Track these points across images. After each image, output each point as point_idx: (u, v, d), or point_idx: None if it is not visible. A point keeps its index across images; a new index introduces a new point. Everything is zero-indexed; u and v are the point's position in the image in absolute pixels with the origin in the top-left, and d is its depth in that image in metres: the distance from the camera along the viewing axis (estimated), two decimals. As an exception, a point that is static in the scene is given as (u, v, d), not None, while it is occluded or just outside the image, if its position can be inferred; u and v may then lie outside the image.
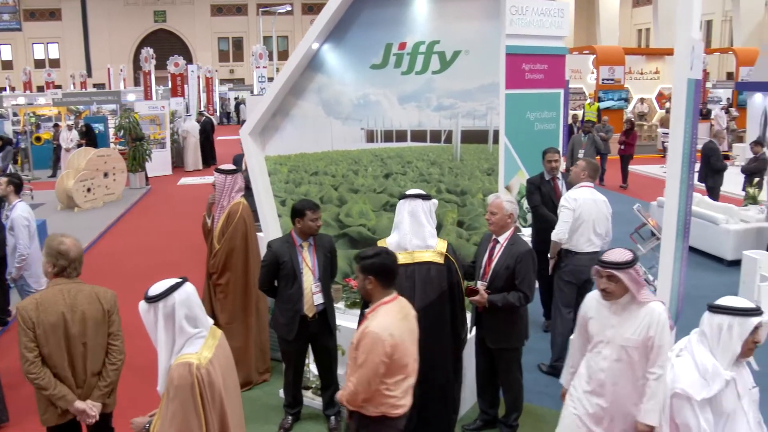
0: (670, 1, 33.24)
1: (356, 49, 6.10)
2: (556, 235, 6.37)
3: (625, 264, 3.65)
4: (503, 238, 4.91)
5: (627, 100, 26.34)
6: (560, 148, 13.79)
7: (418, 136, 6.03)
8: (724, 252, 9.76)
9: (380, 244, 4.76)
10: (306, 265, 5.19)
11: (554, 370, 6.27)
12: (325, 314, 5.31)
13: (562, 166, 12.85)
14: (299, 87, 6.36)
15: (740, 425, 3.11)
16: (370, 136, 6.24)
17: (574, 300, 6.28)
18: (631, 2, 51.59)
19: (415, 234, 4.74)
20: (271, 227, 6.50)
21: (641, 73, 28.69)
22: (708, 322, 3.15)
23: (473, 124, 5.81)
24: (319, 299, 5.22)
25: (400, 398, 3.64)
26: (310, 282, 5.18)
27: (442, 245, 4.84)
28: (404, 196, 4.84)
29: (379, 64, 6.08)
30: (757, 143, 12.12)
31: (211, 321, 3.29)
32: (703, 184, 12.05)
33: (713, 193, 11.80)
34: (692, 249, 10.47)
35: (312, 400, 5.84)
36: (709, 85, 29.17)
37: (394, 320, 3.62)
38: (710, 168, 12.02)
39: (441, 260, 4.76)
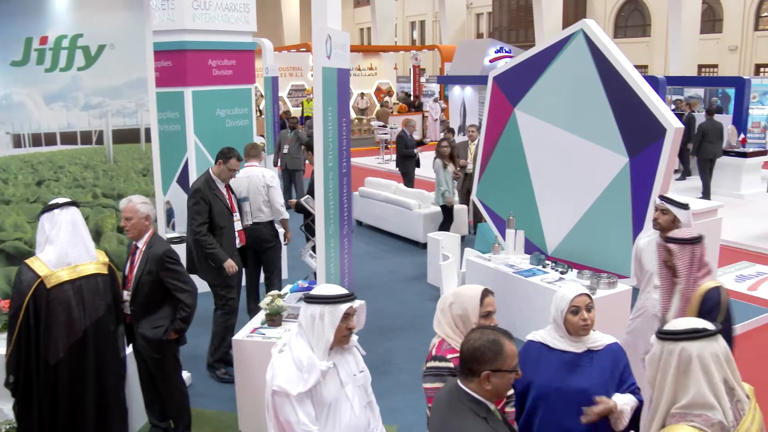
0: (386, 2, 34.98)
1: (-7, 44, 5.49)
2: None
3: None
4: (142, 242, 4.66)
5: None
6: (271, 143, 13.88)
7: (69, 138, 5.55)
8: (418, 235, 10.32)
9: (32, 264, 4.26)
10: None
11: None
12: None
13: (269, 163, 12.94)
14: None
15: (344, 412, 3.14)
16: (17, 141, 5.64)
17: None
18: (352, 3, 53.61)
19: (75, 246, 4.31)
20: None
21: (359, 69, 29.94)
22: (303, 313, 3.13)
23: (124, 122, 5.48)
24: None
25: None
26: None
27: (102, 254, 4.49)
28: (55, 206, 4.38)
29: (20, 60, 5.49)
30: (449, 130, 13.04)
31: None
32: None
33: (407, 178, 12.50)
34: (392, 234, 11.02)
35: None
36: (423, 79, 31.07)
37: None
38: (401, 155, 12.79)
39: (105, 270, 4.42)
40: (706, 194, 13.82)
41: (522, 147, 7.40)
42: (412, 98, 28.69)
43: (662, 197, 4.51)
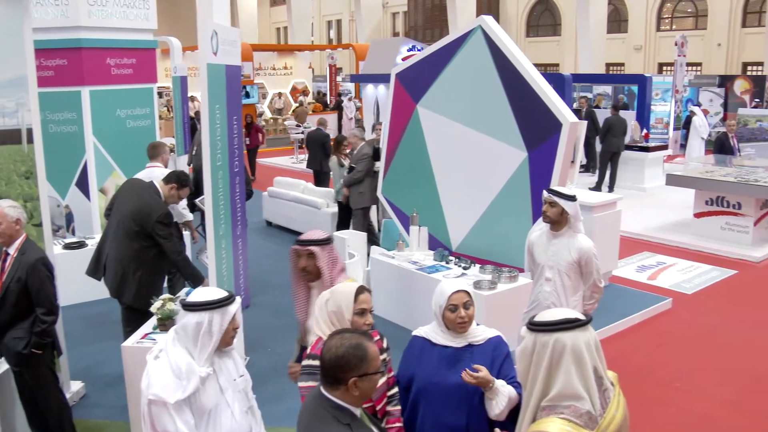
0: (303, 1, 34.72)
1: None
2: None
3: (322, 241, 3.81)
4: (13, 249, 4.41)
5: (260, 96, 27.04)
6: (181, 144, 13.51)
7: (-58, 139, 5.23)
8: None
9: None
10: None
11: None
12: None
13: (182, 164, 12.61)
14: None
15: (224, 419, 3.03)
16: None
17: None
18: (269, 2, 53.05)
19: None
20: None
21: (274, 69, 29.62)
22: (186, 321, 2.95)
23: (3, 123, 5.18)
24: None
25: None
26: None
27: None
28: None
29: None
30: (360, 129, 12.97)
31: None
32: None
33: (319, 177, 12.33)
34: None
35: None
36: (339, 78, 30.96)
37: None
38: (314, 154, 12.63)
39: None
40: (610, 186, 14.24)
41: (425, 143, 7.40)
42: (327, 98, 28.58)
43: (550, 190, 4.55)
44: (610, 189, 14.20)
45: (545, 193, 4.55)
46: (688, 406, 5.71)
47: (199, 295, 3.04)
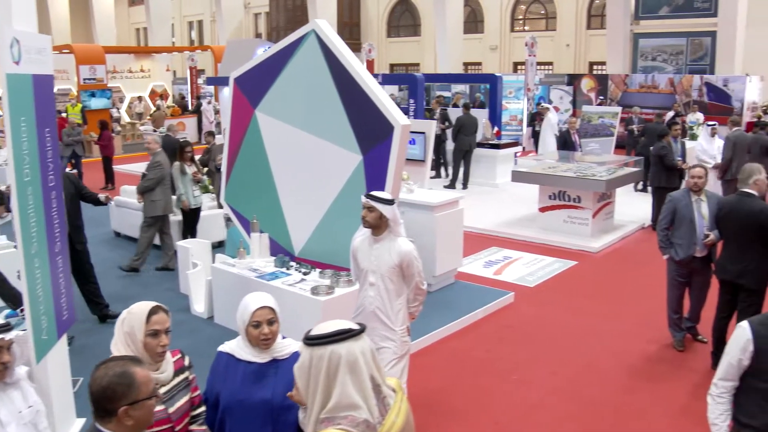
0: (162, 1, 33.64)
1: None
2: None
3: None
4: None
5: (116, 100, 26.03)
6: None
7: None
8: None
9: None
10: None
11: None
12: None
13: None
14: None
15: None
16: None
17: None
18: (127, 1, 51.11)
19: None
20: None
21: (131, 72, 28.54)
22: None
23: None
24: None
25: None
26: None
27: None
28: None
29: None
30: (210, 134, 12.69)
31: None
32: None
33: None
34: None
35: None
36: (201, 81, 30.22)
37: None
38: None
39: None
40: (464, 183, 14.64)
41: (264, 149, 7.31)
42: (188, 101, 27.86)
43: (367, 195, 4.57)
44: (464, 186, 14.61)
45: (363, 198, 4.57)
46: (523, 396, 5.92)
47: None
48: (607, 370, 6.42)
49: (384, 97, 6.25)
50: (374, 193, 4.57)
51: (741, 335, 3.30)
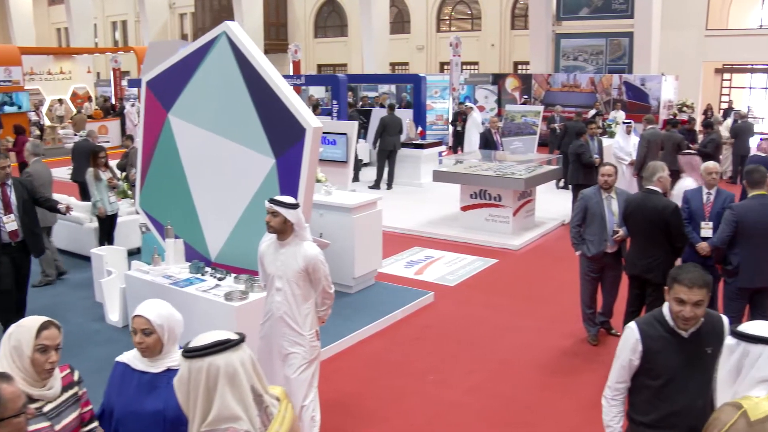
0: (82, 0, 32.72)
1: None
2: None
3: None
4: None
5: (35, 103, 25.23)
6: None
7: None
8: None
9: None
10: None
11: None
12: None
13: None
14: None
15: None
16: None
17: None
18: (47, 1, 49.53)
19: None
20: None
21: (50, 74, 27.67)
22: None
23: None
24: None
25: None
26: None
27: None
28: None
29: None
30: (128, 137, 12.41)
31: None
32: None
33: (85, 191, 11.60)
34: (65, 252, 10.19)
35: None
36: (124, 83, 29.51)
37: None
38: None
39: None
40: (389, 184, 14.70)
41: (178, 153, 7.17)
42: (111, 103, 27.20)
43: (270, 200, 4.54)
44: (389, 186, 14.67)
45: (266, 203, 4.54)
46: (439, 396, 5.97)
47: None
48: (522, 366, 6.53)
49: (295, 99, 6.22)
50: (278, 197, 4.55)
51: (629, 336, 3.37)
